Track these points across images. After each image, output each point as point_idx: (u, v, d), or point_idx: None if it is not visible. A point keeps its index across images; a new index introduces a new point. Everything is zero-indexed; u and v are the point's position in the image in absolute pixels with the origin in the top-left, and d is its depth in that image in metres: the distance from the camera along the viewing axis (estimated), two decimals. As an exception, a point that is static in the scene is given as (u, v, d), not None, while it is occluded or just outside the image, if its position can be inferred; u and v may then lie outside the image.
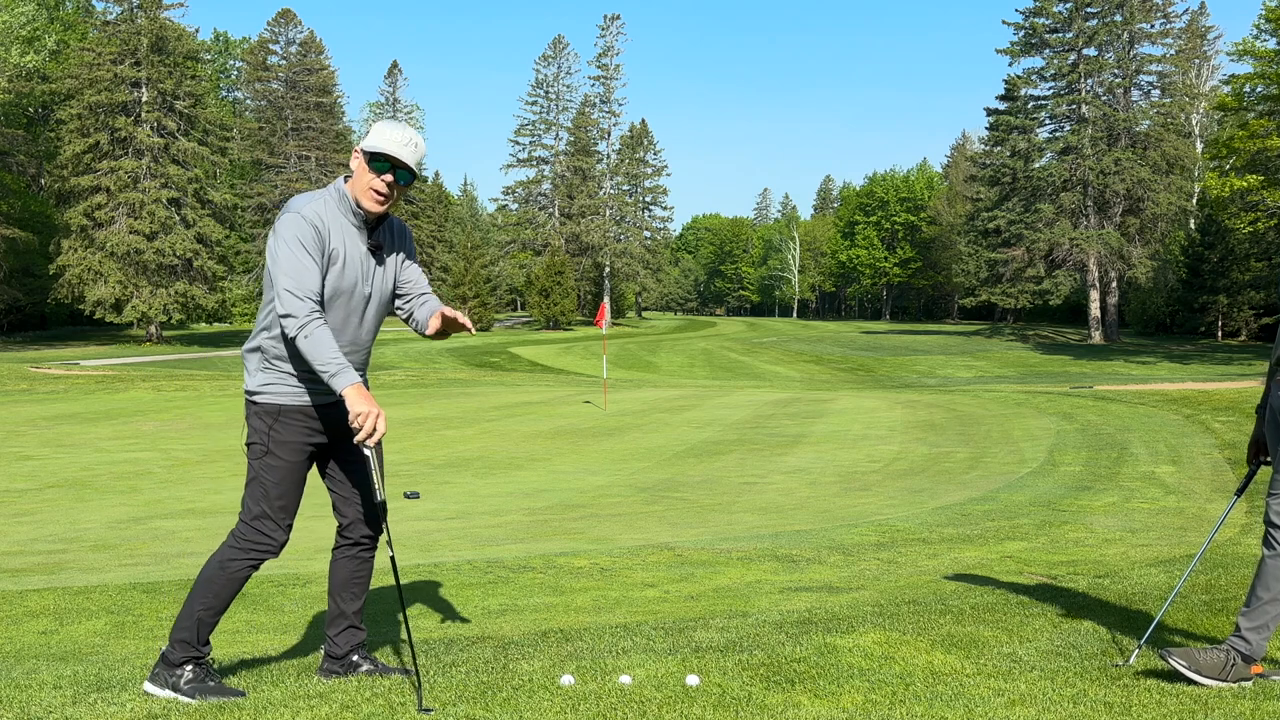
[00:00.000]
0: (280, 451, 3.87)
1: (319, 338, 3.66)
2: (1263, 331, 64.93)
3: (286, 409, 3.88)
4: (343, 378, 3.64)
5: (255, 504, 3.90)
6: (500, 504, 11.72)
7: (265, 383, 3.89)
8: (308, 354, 3.66)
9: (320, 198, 3.86)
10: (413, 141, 3.86)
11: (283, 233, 3.75)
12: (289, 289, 3.69)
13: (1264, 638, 4.06)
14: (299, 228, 3.75)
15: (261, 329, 3.90)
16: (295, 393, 3.89)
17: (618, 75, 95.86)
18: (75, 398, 28.03)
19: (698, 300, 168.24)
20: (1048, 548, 8.20)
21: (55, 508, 11.56)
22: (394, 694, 3.82)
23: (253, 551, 3.90)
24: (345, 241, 3.84)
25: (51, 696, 3.95)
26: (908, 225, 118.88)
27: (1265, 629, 4.06)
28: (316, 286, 3.74)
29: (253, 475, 3.91)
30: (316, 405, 3.91)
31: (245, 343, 3.99)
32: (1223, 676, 4.00)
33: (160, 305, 56.78)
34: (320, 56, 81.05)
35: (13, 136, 56.08)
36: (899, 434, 19.25)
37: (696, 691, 3.84)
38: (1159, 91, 70.21)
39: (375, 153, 3.82)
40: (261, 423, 3.88)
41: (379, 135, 3.84)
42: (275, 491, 3.88)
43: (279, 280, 3.72)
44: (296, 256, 3.72)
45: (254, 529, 3.90)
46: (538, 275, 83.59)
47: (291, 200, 3.85)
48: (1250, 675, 4.07)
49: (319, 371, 3.67)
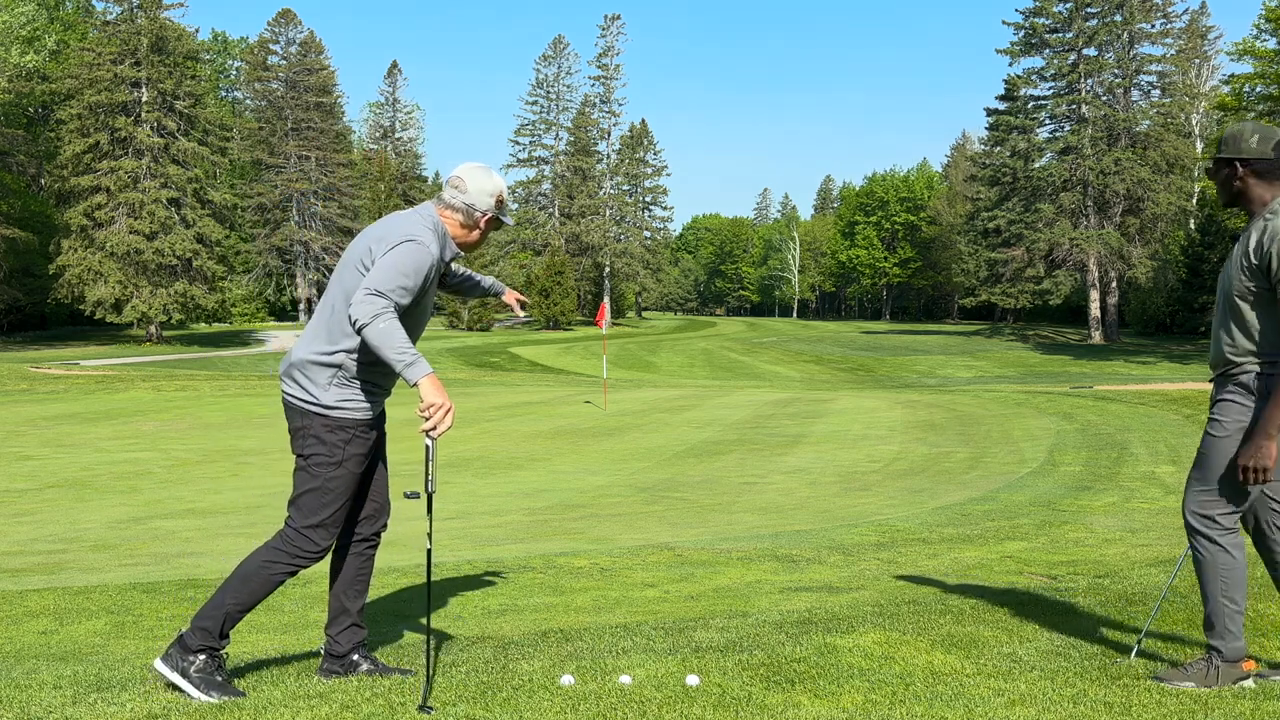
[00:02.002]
0: (350, 465, 3.97)
1: (394, 326, 3.72)
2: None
3: (360, 424, 3.97)
4: (419, 367, 3.71)
5: (313, 513, 3.95)
6: (500, 504, 11.72)
7: (342, 399, 3.94)
8: (380, 342, 3.69)
9: (435, 234, 4.01)
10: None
11: (409, 259, 3.84)
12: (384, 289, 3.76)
13: (1232, 640, 4.08)
14: (427, 264, 3.89)
15: (339, 344, 3.92)
16: (366, 408, 3.99)
17: (618, 75, 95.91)
18: (75, 398, 28.03)
19: (698, 300, 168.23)
20: (1048, 548, 8.20)
21: (55, 508, 11.56)
22: (394, 694, 3.82)
23: (299, 557, 3.96)
24: (437, 271, 4.01)
25: (51, 696, 3.95)
26: (908, 225, 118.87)
27: (1225, 632, 4.07)
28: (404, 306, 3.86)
29: (315, 485, 3.94)
30: (375, 415, 4.05)
31: (303, 351, 3.99)
32: (1220, 683, 4.01)
33: (160, 305, 56.78)
34: (320, 56, 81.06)
35: (13, 136, 56.08)
36: (899, 434, 19.26)
37: (696, 691, 3.84)
38: (1159, 91, 70.24)
39: (498, 219, 4.14)
40: (336, 436, 3.94)
41: (494, 197, 4.10)
42: (338, 502, 3.97)
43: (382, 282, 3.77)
44: (408, 282, 3.82)
45: (305, 536, 3.95)
46: (538, 275, 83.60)
47: (412, 228, 3.94)
48: (1245, 673, 4.08)
49: (393, 361, 3.70)
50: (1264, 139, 4.06)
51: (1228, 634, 4.07)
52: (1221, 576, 4.06)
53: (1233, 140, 4.09)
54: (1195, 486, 4.11)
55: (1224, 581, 4.06)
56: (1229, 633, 4.07)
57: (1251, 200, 4.09)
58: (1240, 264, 4.01)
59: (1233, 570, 4.08)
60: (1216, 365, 4.16)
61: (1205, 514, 4.07)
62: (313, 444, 3.95)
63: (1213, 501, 4.06)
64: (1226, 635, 4.07)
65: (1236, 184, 4.09)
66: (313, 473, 3.95)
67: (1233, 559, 4.09)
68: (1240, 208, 4.16)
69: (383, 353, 3.71)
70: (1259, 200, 4.08)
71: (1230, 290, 4.05)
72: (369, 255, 3.90)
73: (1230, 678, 4.04)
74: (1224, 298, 4.10)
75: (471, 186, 4.06)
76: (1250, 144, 4.07)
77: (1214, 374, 4.21)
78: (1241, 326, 4.02)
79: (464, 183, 4.07)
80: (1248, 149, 4.08)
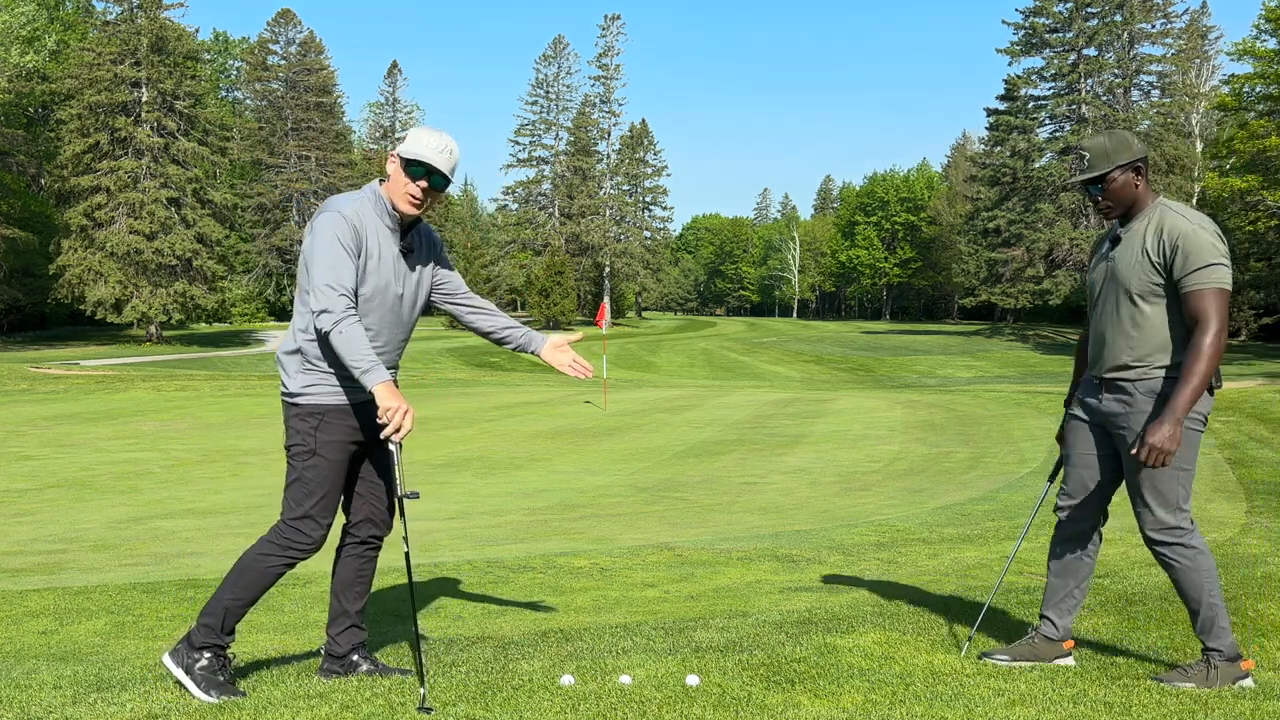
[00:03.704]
0: (325, 452, 3.93)
1: (352, 334, 3.71)
2: (1263, 331, 64.95)
3: (330, 409, 3.94)
4: (374, 374, 3.70)
5: (298, 505, 3.95)
6: (500, 504, 11.72)
7: (307, 384, 3.93)
8: (340, 350, 3.70)
9: (358, 198, 3.93)
10: (448, 148, 3.94)
11: (321, 230, 3.81)
12: (327, 283, 3.74)
13: (1229, 638, 4.10)
14: (338, 225, 3.81)
15: (299, 330, 3.93)
16: (336, 392, 3.94)
17: (618, 75, 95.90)
18: (75, 398, 28.02)
19: (698, 300, 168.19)
20: (1048, 548, 8.19)
21: (55, 508, 11.56)
22: (394, 694, 3.82)
23: (291, 550, 3.96)
24: (380, 242, 3.91)
25: (51, 696, 3.95)
26: (908, 225, 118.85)
27: (1223, 631, 4.09)
28: (352, 283, 3.81)
29: (295, 476, 3.95)
30: (355, 404, 3.97)
31: (280, 345, 4.03)
32: (1221, 683, 4.02)
33: (160, 305, 56.78)
34: (320, 56, 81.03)
35: (13, 136, 56.05)
36: (899, 434, 19.25)
37: (696, 691, 3.84)
38: (1159, 91, 70.26)
39: (412, 159, 3.89)
40: (305, 424, 3.93)
41: (416, 141, 3.92)
42: (319, 492, 3.94)
43: (316, 275, 3.76)
44: (334, 253, 3.78)
45: (294, 529, 3.95)
46: (538, 275, 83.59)
47: (329, 200, 3.92)
48: (1244, 671, 4.08)
49: (351, 368, 3.71)
50: (1140, 140, 4.11)
51: (1224, 632, 4.08)
52: (1206, 578, 4.07)
53: (1123, 145, 4.09)
54: (1148, 504, 4.08)
55: (1209, 582, 4.08)
56: (1224, 630, 4.09)
57: (1141, 201, 4.11)
58: (1141, 262, 4.01)
59: (1213, 568, 4.10)
60: (1105, 368, 4.15)
61: (1171, 525, 4.07)
62: (290, 434, 3.97)
63: (1172, 512, 4.06)
64: (1223, 634, 4.08)
65: (1138, 186, 4.09)
66: (292, 464, 3.97)
67: (1208, 557, 4.11)
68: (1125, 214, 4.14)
69: (344, 360, 3.72)
70: (1143, 202, 4.11)
71: (1129, 289, 4.03)
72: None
73: (1230, 677, 4.04)
74: (1117, 296, 4.08)
75: (410, 139, 3.97)
76: (1137, 146, 4.10)
77: (1097, 375, 4.20)
78: (1144, 327, 4.02)
79: (405, 137, 4.00)
80: (1138, 150, 4.10)
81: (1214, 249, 3.91)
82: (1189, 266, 3.91)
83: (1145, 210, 4.09)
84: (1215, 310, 3.89)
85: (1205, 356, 3.88)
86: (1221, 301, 3.90)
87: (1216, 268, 3.90)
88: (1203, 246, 3.90)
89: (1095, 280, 4.24)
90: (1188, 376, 3.89)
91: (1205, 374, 3.90)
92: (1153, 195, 4.12)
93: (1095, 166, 4.09)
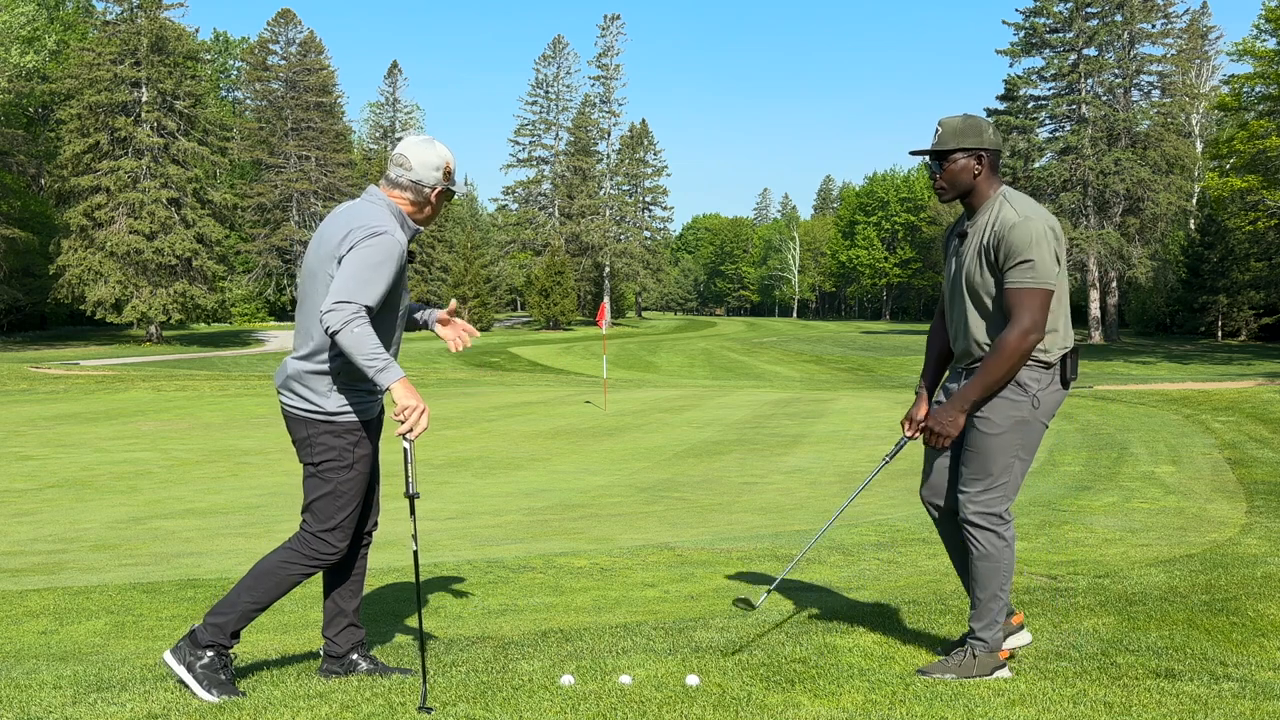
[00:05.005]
0: (360, 466, 4.00)
1: (363, 333, 3.69)
2: (1263, 331, 64.95)
3: (364, 425, 4.02)
4: (390, 372, 3.70)
5: (329, 517, 3.97)
6: (500, 504, 11.72)
7: (344, 404, 3.95)
8: (352, 348, 3.67)
9: (393, 219, 3.95)
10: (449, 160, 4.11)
11: (377, 253, 3.78)
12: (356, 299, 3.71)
13: (997, 630, 4.15)
14: (397, 253, 3.83)
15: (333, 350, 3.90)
16: (367, 408, 4.02)
17: (618, 75, 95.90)
18: (75, 398, 28.02)
19: (698, 300, 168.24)
20: (1048, 548, 8.20)
21: (55, 508, 11.56)
22: (394, 694, 3.82)
23: (317, 559, 3.99)
24: (403, 256, 3.93)
25: (51, 696, 3.96)
26: (908, 225, 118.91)
27: (994, 623, 4.15)
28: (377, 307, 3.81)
29: (329, 489, 3.96)
30: (376, 416, 4.11)
31: (296, 364, 3.98)
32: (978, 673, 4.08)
33: (160, 305, 56.76)
34: (320, 56, 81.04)
35: (13, 136, 56.04)
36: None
37: (696, 691, 3.84)
38: (1159, 91, 70.18)
39: (453, 190, 4.10)
40: (343, 440, 3.96)
41: (436, 168, 4.00)
42: (353, 504, 4.01)
43: (353, 290, 3.71)
44: (384, 279, 3.79)
45: (322, 539, 3.98)
46: (538, 275, 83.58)
47: (374, 219, 3.87)
48: (1002, 662, 4.15)
49: (365, 367, 3.68)
50: (997, 131, 4.08)
51: (996, 625, 4.15)
52: (1004, 571, 4.11)
53: (973, 130, 4.02)
54: (975, 486, 4.07)
55: (1005, 575, 4.12)
56: (997, 624, 4.15)
57: (980, 194, 4.06)
58: (980, 258, 3.99)
59: (1012, 564, 4.14)
60: (963, 359, 4.16)
61: (991, 511, 4.07)
62: (321, 450, 3.95)
63: (998, 499, 4.07)
64: (995, 626, 4.14)
65: (976, 175, 4.03)
66: (325, 478, 3.96)
67: (1013, 552, 4.14)
68: (963, 202, 4.10)
69: (355, 358, 3.69)
70: (984, 194, 4.06)
71: (974, 284, 4.02)
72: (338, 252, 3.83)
73: (988, 667, 4.10)
74: (964, 292, 4.07)
75: (416, 162, 3.98)
76: (990, 136, 4.04)
77: (960, 367, 4.21)
78: (989, 320, 4.02)
79: (408, 159, 3.99)
80: (989, 140, 4.04)
81: (1036, 245, 3.84)
82: (1009, 262, 3.87)
83: (988, 203, 4.03)
84: (1027, 308, 3.84)
85: (1004, 354, 3.87)
86: (1035, 300, 3.84)
87: (1034, 265, 3.83)
88: (1024, 241, 3.83)
89: (946, 275, 4.23)
90: (983, 370, 3.90)
91: (1002, 371, 3.88)
92: (996, 187, 4.04)
93: (942, 143, 4.04)
